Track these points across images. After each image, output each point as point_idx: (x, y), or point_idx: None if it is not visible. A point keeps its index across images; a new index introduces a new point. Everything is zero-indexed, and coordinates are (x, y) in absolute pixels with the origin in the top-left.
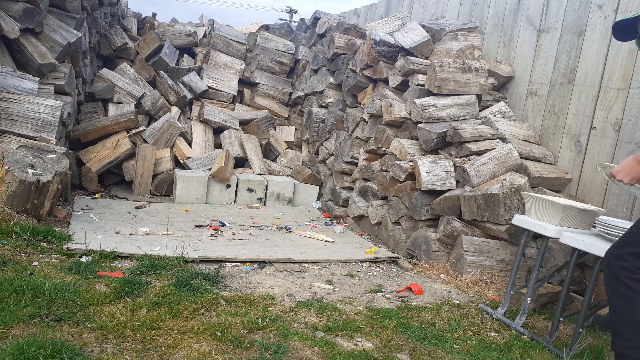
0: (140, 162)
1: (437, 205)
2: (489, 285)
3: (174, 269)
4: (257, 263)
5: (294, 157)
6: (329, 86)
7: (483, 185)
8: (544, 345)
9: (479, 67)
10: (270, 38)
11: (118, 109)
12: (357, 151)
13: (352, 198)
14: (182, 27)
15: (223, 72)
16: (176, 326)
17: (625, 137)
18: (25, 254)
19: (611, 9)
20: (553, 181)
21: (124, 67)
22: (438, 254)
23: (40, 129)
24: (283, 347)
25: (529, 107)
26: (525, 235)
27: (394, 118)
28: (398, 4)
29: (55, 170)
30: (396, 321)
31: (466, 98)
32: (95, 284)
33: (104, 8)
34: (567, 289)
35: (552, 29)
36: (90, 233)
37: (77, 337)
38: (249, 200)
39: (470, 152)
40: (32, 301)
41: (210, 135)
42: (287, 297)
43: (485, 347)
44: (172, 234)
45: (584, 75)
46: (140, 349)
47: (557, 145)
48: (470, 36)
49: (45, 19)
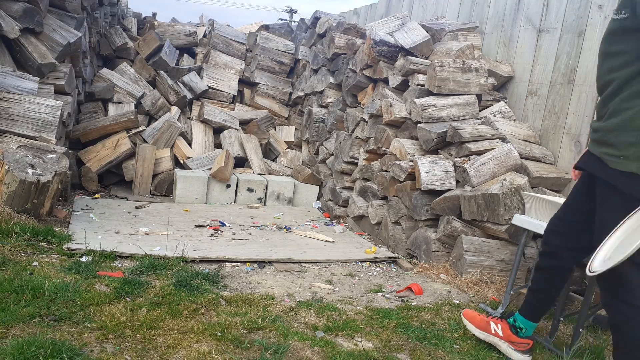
0: (140, 162)
1: (437, 205)
2: (489, 285)
3: (174, 269)
4: (257, 263)
5: (294, 157)
6: (329, 86)
7: (483, 185)
8: (544, 345)
9: (479, 67)
10: (270, 38)
11: (118, 109)
12: (357, 151)
13: (352, 198)
14: (182, 27)
15: (223, 72)
16: (176, 326)
17: None
18: (25, 254)
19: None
20: (553, 181)
21: (124, 67)
22: (438, 253)
23: (40, 129)
24: (283, 347)
25: (529, 107)
26: (525, 235)
27: (394, 118)
28: (398, 4)
29: (55, 170)
30: (396, 321)
31: (466, 98)
32: (95, 283)
33: (104, 8)
34: (567, 289)
35: (552, 29)
36: (90, 233)
37: (77, 337)
38: (249, 200)
39: (470, 152)
40: (32, 301)
41: (210, 135)
42: (287, 297)
43: (485, 347)
44: (172, 234)
45: (584, 75)
46: (140, 348)
47: (557, 145)
48: (470, 36)
49: (45, 19)
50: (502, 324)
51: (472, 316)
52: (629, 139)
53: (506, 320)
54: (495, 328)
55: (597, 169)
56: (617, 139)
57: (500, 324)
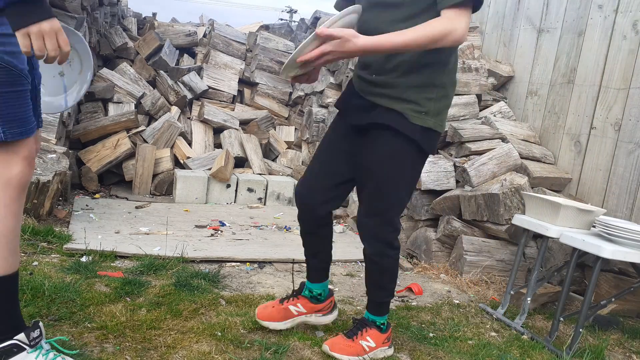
0: (140, 162)
1: (437, 205)
2: (489, 285)
3: (174, 269)
4: (257, 263)
5: (294, 157)
6: (329, 86)
7: (483, 185)
8: (544, 345)
9: (479, 67)
10: (270, 38)
11: (118, 109)
12: None
13: (352, 198)
14: (182, 27)
15: (223, 72)
16: (176, 326)
17: (625, 137)
18: (25, 254)
19: (611, 9)
20: (553, 181)
21: (124, 67)
22: (438, 253)
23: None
24: (283, 347)
25: (529, 107)
26: (525, 235)
27: None
28: None
29: (55, 170)
30: (396, 321)
31: (466, 98)
32: (95, 283)
33: (104, 8)
34: (567, 289)
35: (552, 29)
36: (90, 233)
37: (77, 337)
38: (249, 200)
39: (470, 152)
40: (32, 301)
41: (210, 135)
42: None
43: (485, 347)
44: (172, 234)
45: (584, 75)
46: (140, 348)
47: (557, 145)
48: (470, 36)
49: None
50: (300, 301)
51: (266, 312)
52: (429, 95)
53: (302, 295)
54: (296, 308)
55: (397, 123)
56: (418, 96)
57: (299, 302)
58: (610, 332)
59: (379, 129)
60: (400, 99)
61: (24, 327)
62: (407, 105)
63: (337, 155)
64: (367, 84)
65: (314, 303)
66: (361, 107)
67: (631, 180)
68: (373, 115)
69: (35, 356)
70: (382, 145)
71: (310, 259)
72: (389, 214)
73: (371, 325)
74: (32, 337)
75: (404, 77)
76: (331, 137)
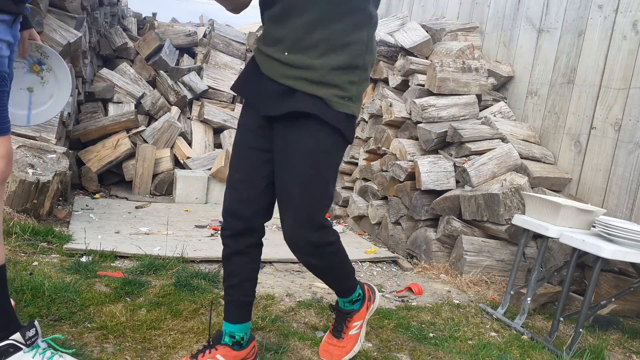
0: (140, 162)
1: (437, 205)
2: (489, 285)
3: (174, 269)
4: None
5: None
6: None
7: (483, 185)
8: (544, 345)
9: (479, 67)
10: None
11: (118, 109)
12: (357, 151)
13: (352, 198)
14: (182, 27)
15: (223, 72)
16: (176, 326)
17: (625, 137)
18: (25, 254)
19: (611, 9)
20: (553, 181)
21: (124, 67)
22: (438, 254)
23: (40, 129)
24: (283, 347)
25: (529, 107)
26: (525, 235)
27: (394, 118)
28: (398, 4)
29: (55, 170)
30: (396, 321)
31: (466, 98)
32: (95, 284)
33: (104, 8)
34: (567, 289)
35: (552, 29)
36: (90, 233)
37: (77, 337)
38: None
39: (470, 152)
40: (32, 301)
41: (210, 135)
42: (287, 297)
43: (485, 347)
44: (172, 234)
45: (584, 75)
46: (140, 348)
47: (557, 145)
48: (470, 36)
49: (45, 19)
50: (220, 351)
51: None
52: (352, 78)
53: (221, 344)
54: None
55: (321, 111)
56: (341, 79)
57: (218, 353)
58: (610, 332)
59: (299, 119)
60: (322, 83)
61: (19, 327)
62: (330, 91)
63: (254, 157)
64: (279, 65)
65: (237, 350)
66: (275, 94)
67: (631, 180)
68: (292, 102)
69: (32, 355)
70: (306, 137)
71: (232, 291)
72: (319, 216)
73: (351, 313)
74: (28, 337)
75: (324, 57)
76: (243, 138)
